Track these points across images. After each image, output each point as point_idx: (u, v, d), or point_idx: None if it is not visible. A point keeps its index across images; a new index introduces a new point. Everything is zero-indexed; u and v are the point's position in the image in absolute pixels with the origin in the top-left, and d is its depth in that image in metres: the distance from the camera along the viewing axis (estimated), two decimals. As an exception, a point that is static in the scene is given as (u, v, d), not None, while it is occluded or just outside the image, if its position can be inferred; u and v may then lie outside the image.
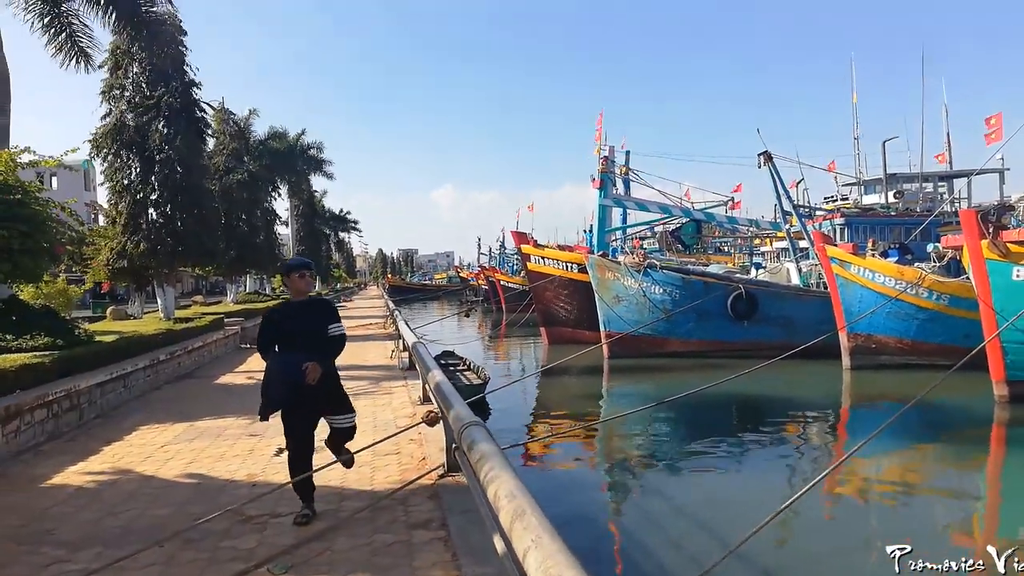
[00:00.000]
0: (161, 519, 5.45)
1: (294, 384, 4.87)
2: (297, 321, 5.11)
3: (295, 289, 5.29)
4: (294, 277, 5.24)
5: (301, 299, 5.31)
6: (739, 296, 23.21)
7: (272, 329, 5.21)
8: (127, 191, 18.54)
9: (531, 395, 18.67)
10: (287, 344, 5.10)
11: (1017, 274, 14.76)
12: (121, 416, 10.24)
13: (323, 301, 5.68)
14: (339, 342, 5.23)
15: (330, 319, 5.21)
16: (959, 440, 13.62)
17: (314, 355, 4.97)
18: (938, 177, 33.35)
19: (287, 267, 5.40)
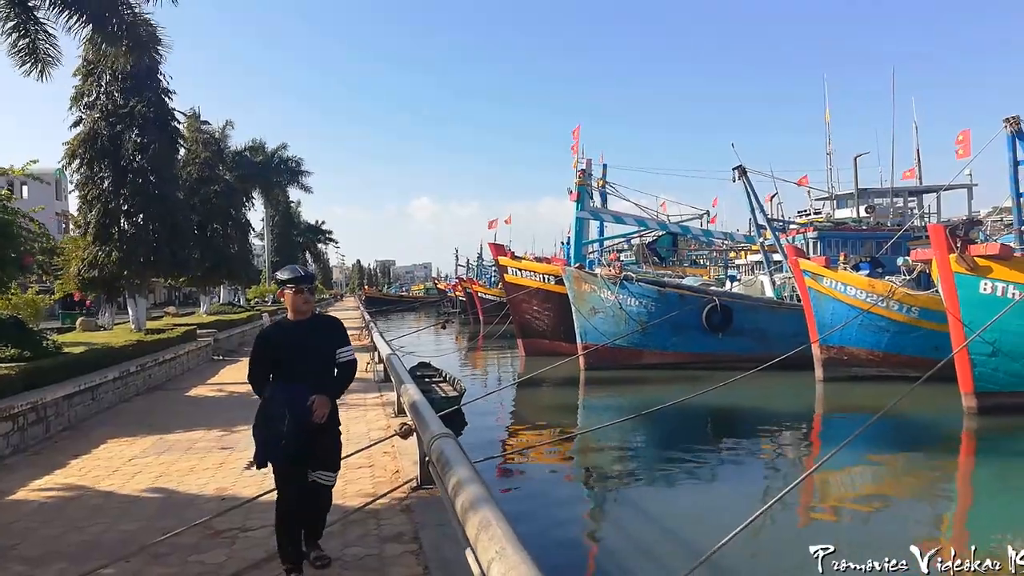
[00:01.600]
0: (128, 534, 5.35)
1: (299, 422, 3.97)
2: (299, 344, 4.18)
3: (291, 306, 4.31)
4: (287, 293, 4.28)
5: (302, 318, 4.33)
6: (714, 308, 23.40)
7: (267, 354, 4.26)
8: (99, 201, 18.29)
9: (508, 407, 18.64)
10: (285, 373, 4.17)
11: (984, 287, 15.04)
12: (89, 429, 10.05)
13: (329, 319, 4.57)
14: (350, 370, 4.38)
15: (339, 341, 4.33)
16: (929, 451, 13.81)
17: (320, 386, 4.13)
18: (908, 192, 33.97)
19: (278, 281, 4.45)
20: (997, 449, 13.83)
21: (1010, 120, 18.48)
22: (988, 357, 15.25)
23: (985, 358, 15.26)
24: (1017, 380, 15.11)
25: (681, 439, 14.37)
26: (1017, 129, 18.40)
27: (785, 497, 8.21)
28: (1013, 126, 18.43)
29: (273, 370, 4.24)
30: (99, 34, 12.16)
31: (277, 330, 4.46)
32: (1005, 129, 18.60)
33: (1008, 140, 18.63)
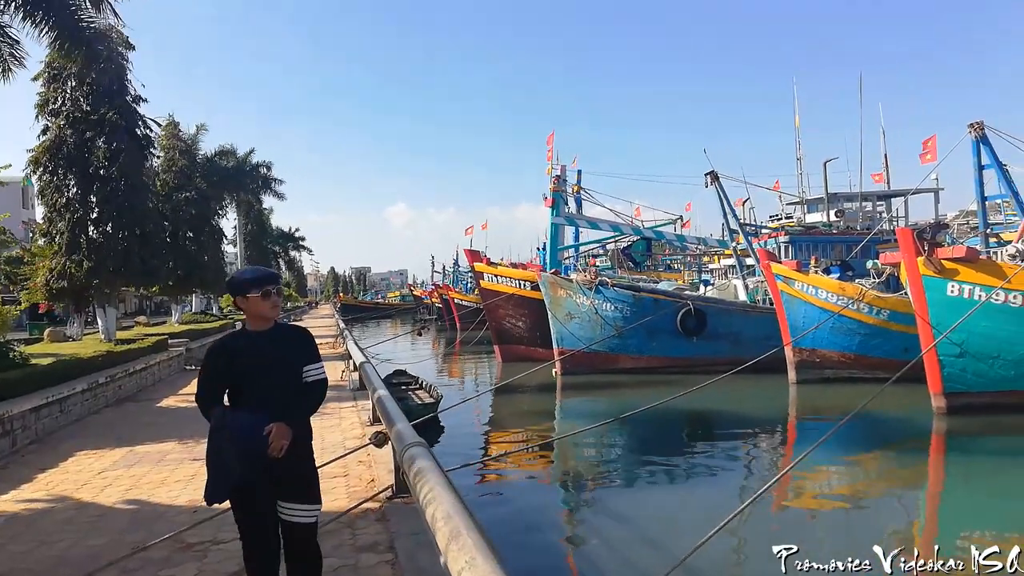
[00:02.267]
0: (97, 548, 5.26)
1: (254, 457, 3.29)
2: (258, 360, 3.46)
3: (254, 314, 3.56)
4: (252, 298, 3.51)
5: (264, 328, 3.57)
6: (688, 312, 23.58)
7: (219, 371, 3.52)
8: (67, 209, 17.99)
9: (485, 413, 18.61)
10: (242, 394, 3.49)
11: (951, 289, 15.31)
12: (57, 442, 9.88)
13: (296, 330, 3.76)
14: (319, 391, 3.62)
15: (307, 356, 3.58)
16: (899, 451, 14.03)
17: (282, 411, 3.39)
18: (876, 196, 34.51)
19: (238, 283, 3.58)
20: (965, 449, 14.07)
21: (974, 125, 18.89)
22: (956, 358, 15.52)
23: (953, 359, 15.53)
24: (984, 380, 15.40)
25: (657, 443, 14.45)
26: (981, 134, 18.81)
27: (760, 498, 8.30)
28: (977, 131, 18.84)
29: (228, 390, 3.53)
30: (62, 40, 11.98)
31: (235, 342, 3.62)
32: (970, 134, 19.00)
33: (973, 145, 19.03)
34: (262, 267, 3.89)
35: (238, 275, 3.68)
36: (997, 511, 10.30)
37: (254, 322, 3.59)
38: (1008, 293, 14.92)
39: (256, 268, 3.75)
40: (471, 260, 31.69)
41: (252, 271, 3.64)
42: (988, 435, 14.45)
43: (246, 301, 3.53)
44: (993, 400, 15.17)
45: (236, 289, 3.59)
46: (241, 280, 3.58)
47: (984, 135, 18.79)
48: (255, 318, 3.58)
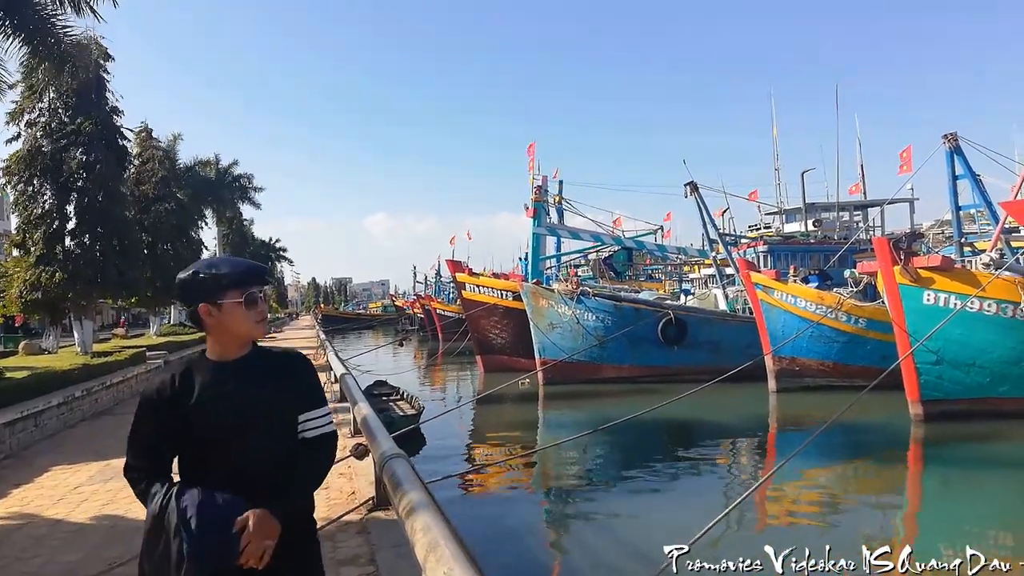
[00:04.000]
0: (72, 564, 5.19)
1: (216, 563, 2.07)
2: (228, 408, 2.20)
3: (229, 333, 2.26)
4: (228, 307, 2.22)
5: (237, 355, 2.28)
6: (669, 322, 23.70)
7: (163, 428, 2.22)
8: (41, 220, 17.78)
9: (467, 424, 18.56)
10: (204, 463, 2.21)
11: (927, 298, 15.53)
12: (32, 457, 9.73)
13: (287, 358, 2.41)
14: (325, 454, 2.36)
15: (305, 398, 2.34)
16: (877, 458, 14.17)
17: (267, 491, 2.16)
18: (853, 206, 34.95)
19: (205, 283, 2.24)
20: (942, 455, 14.24)
21: (948, 136, 19.23)
22: (932, 365, 15.73)
23: (930, 366, 15.73)
24: (960, 387, 15.61)
25: (639, 452, 14.48)
26: (955, 145, 19.15)
27: (741, 506, 8.35)
28: (951, 142, 19.18)
29: (179, 458, 2.25)
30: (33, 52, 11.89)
31: (188, 380, 2.22)
32: (944, 145, 19.34)
33: (947, 155, 19.37)
34: (242, 259, 2.40)
35: (203, 269, 2.24)
36: (971, 515, 10.43)
37: (224, 345, 2.25)
38: (983, 301, 15.16)
39: (234, 259, 2.35)
40: (453, 270, 31.67)
41: (229, 262, 2.29)
42: (964, 441, 14.64)
43: (216, 312, 2.20)
44: (969, 407, 15.38)
45: (201, 292, 2.21)
46: (211, 278, 2.20)
47: (958, 146, 19.14)
48: (228, 339, 2.25)
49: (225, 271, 2.23)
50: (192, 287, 2.24)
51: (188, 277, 2.24)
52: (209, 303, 2.21)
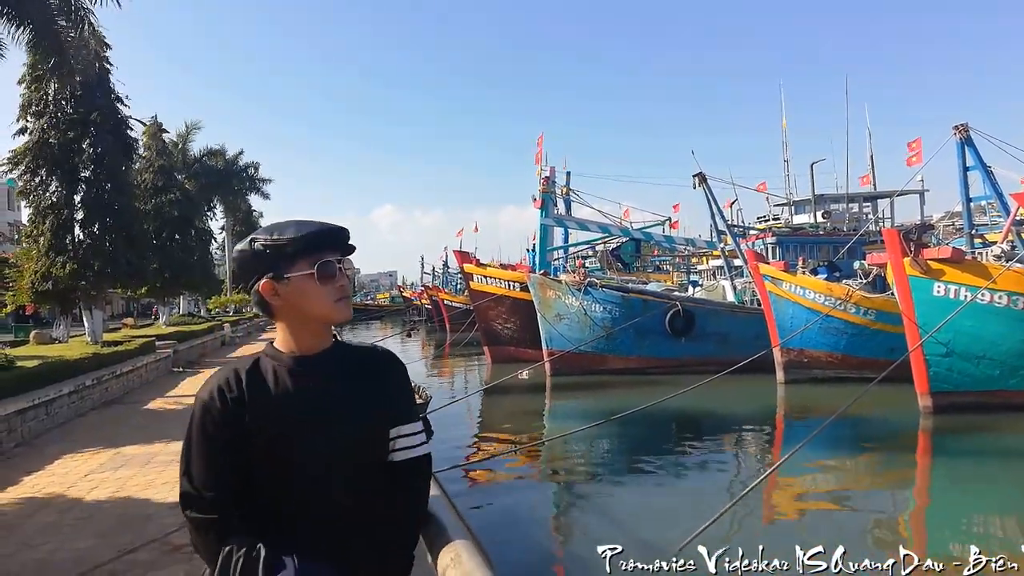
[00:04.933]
0: (82, 551, 5.22)
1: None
2: (313, 414, 1.70)
3: (306, 316, 1.75)
4: (297, 280, 1.70)
5: (316, 349, 1.77)
6: (676, 313, 23.64)
7: (228, 445, 1.67)
8: (50, 211, 17.88)
9: (475, 414, 18.60)
10: (282, 494, 1.69)
11: (938, 290, 15.43)
12: (43, 445, 9.80)
13: (375, 355, 1.90)
14: (420, 483, 1.87)
15: (397, 406, 1.85)
16: (886, 450, 14.11)
17: (362, 545, 1.72)
18: (863, 198, 34.75)
19: (268, 250, 1.71)
20: (951, 447, 14.18)
21: (959, 127, 19.06)
22: (942, 357, 15.64)
23: (939, 358, 15.65)
24: (970, 380, 15.53)
25: (646, 443, 14.48)
26: (966, 136, 18.98)
27: (748, 497, 8.34)
28: (962, 133, 19.01)
29: (245, 492, 1.70)
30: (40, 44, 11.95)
31: (258, 381, 1.73)
32: (955, 136, 19.17)
33: (958, 146, 19.21)
34: (314, 220, 1.79)
35: (262, 235, 1.74)
36: (979, 508, 10.40)
37: (298, 335, 1.75)
38: (993, 293, 15.05)
39: (303, 221, 1.76)
40: (460, 261, 31.67)
41: (296, 225, 1.74)
42: (974, 434, 14.57)
43: (283, 289, 1.70)
44: (979, 399, 15.29)
45: (261, 264, 1.72)
46: (272, 245, 1.71)
47: (969, 137, 18.97)
48: (302, 325, 1.75)
49: (290, 235, 1.69)
50: (250, 259, 1.73)
51: (244, 247, 1.74)
52: (273, 278, 1.70)
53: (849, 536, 8.45)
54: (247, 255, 1.73)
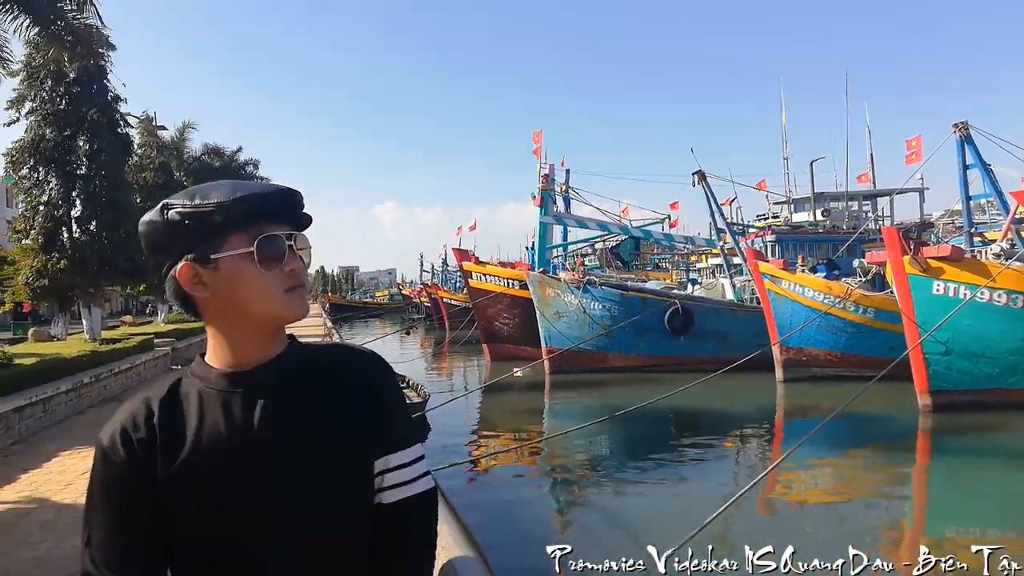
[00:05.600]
0: (79, 550, 5.20)
1: None
2: (251, 466, 1.15)
3: (244, 312, 1.20)
4: (227, 262, 1.17)
5: (263, 357, 1.23)
6: (676, 311, 23.63)
7: (133, 510, 1.16)
8: (47, 207, 17.86)
9: (473, 412, 18.58)
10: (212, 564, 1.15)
11: (937, 288, 15.43)
12: (41, 442, 9.78)
13: (357, 358, 1.32)
14: (421, 531, 1.29)
15: (387, 430, 1.27)
16: (885, 448, 14.11)
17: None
18: (862, 196, 34.74)
19: (191, 228, 1.17)
20: (950, 446, 14.18)
21: (959, 125, 19.05)
22: (941, 356, 15.64)
23: (939, 357, 15.65)
24: (970, 378, 15.52)
25: (645, 441, 14.47)
26: (966, 134, 18.97)
27: (747, 495, 8.32)
28: (962, 131, 19.00)
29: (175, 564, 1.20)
30: (42, 33, 11.94)
31: (174, 419, 1.21)
32: (954, 134, 19.16)
33: (957, 144, 19.20)
34: (253, 182, 1.48)
35: (180, 201, 1.21)
36: (978, 506, 10.39)
37: (236, 342, 1.24)
38: (993, 292, 15.05)
39: (238, 182, 1.26)
40: (459, 259, 31.65)
41: (226, 187, 1.21)
42: (973, 432, 14.57)
43: (209, 275, 1.20)
44: (978, 398, 15.29)
45: (176, 241, 1.21)
46: (193, 214, 1.19)
47: (968, 135, 18.96)
48: (238, 328, 1.24)
49: (217, 198, 1.17)
50: (162, 234, 1.20)
51: (155, 217, 1.21)
52: (194, 260, 1.18)
53: (839, 535, 8.44)
54: (158, 228, 1.20)
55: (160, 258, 1.24)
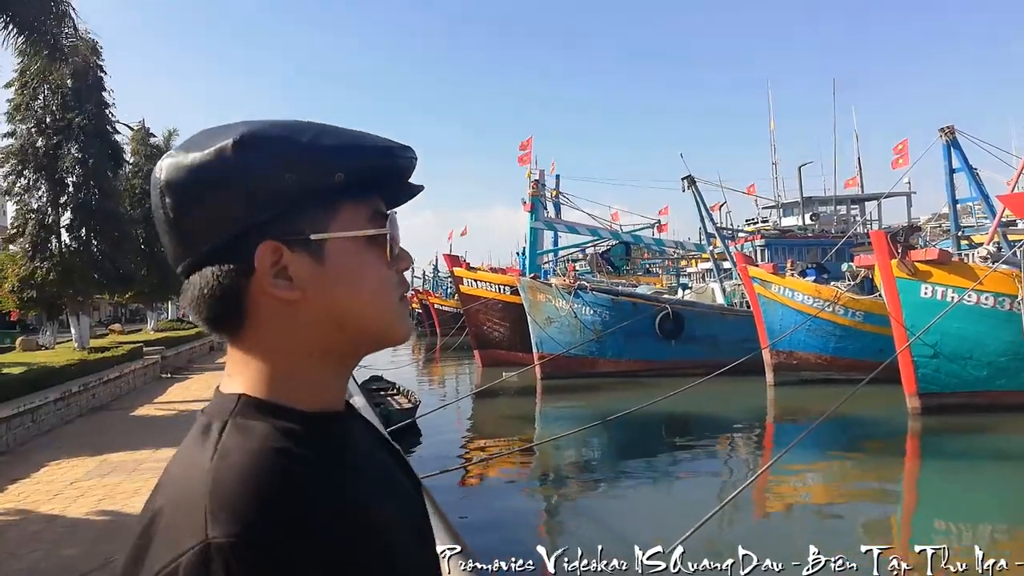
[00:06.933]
0: (69, 560, 5.18)
1: None
2: (414, 542, 0.81)
3: (360, 323, 0.78)
4: (339, 247, 0.76)
5: (339, 406, 0.81)
6: (666, 316, 23.71)
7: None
8: (34, 215, 17.76)
9: (464, 418, 18.56)
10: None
11: (925, 291, 15.54)
12: (29, 452, 9.70)
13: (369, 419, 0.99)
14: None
15: None
16: (874, 450, 14.20)
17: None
18: (850, 200, 34.96)
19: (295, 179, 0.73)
20: (939, 448, 14.27)
21: (945, 130, 19.22)
22: (930, 359, 15.74)
23: (927, 360, 15.75)
24: (958, 381, 15.63)
25: (637, 446, 14.49)
26: (952, 138, 19.14)
27: (737, 499, 8.35)
28: (948, 135, 19.17)
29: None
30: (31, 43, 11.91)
31: (341, 488, 0.71)
32: (941, 138, 19.33)
33: (944, 149, 19.37)
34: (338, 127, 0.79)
35: (267, 135, 0.74)
36: (968, 507, 10.46)
37: (315, 375, 0.78)
38: (980, 295, 15.17)
39: (324, 126, 0.78)
40: (450, 265, 31.64)
41: (320, 131, 0.77)
42: (962, 434, 14.66)
43: (309, 264, 0.75)
44: (967, 400, 15.40)
45: (277, 195, 0.73)
46: (296, 158, 0.74)
47: (955, 139, 19.13)
48: (331, 350, 0.79)
49: (330, 142, 0.77)
50: (232, 189, 0.74)
51: (212, 160, 0.73)
52: (285, 238, 0.75)
53: (830, 536, 8.48)
54: (225, 178, 0.73)
55: (198, 232, 0.74)
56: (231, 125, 0.77)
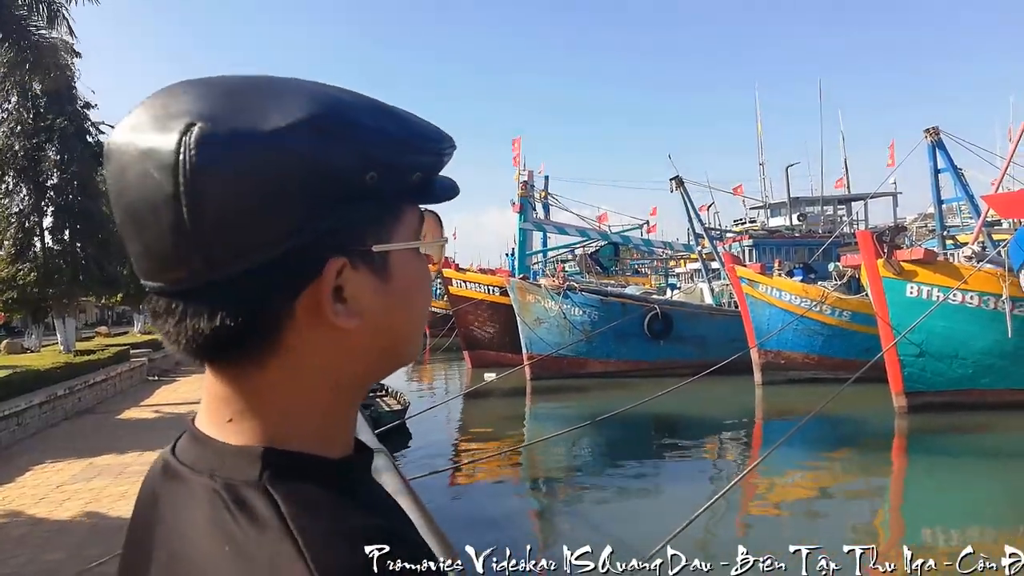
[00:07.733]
0: (54, 564, 5.13)
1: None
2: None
3: (394, 346, 0.62)
4: (402, 262, 0.60)
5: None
6: (655, 316, 23.77)
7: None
8: (16, 218, 17.62)
9: (454, 419, 18.53)
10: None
11: (911, 291, 15.65)
12: (14, 456, 9.62)
13: None
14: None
15: None
16: (862, 448, 14.28)
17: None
18: (837, 200, 35.16)
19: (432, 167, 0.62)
20: (925, 447, 14.38)
21: (930, 131, 19.38)
22: (916, 357, 15.85)
23: (913, 358, 15.86)
24: (943, 379, 15.75)
25: (626, 446, 14.51)
26: (937, 139, 19.30)
27: (724, 497, 8.39)
28: (933, 136, 19.33)
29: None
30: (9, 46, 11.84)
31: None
32: (926, 139, 19.49)
33: (929, 149, 19.53)
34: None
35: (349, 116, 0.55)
36: (954, 505, 10.54)
37: (337, 414, 0.61)
38: (965, 294, 15.30)
39: (377, 103, 0.60)
40: (439, 266, 31.57)
41: (382, 110, 0.59)
42: (948, 433, 14.78)
43: (374, 283, 0.58)
44: (952, 398, 15.52)
45: (350, 202, 0.55)
46: (437, 150, 0.63)
47: (940, 140, 19.29)
48: (365, 382, 0.64)
49: (409, 133, 0.61)
50: (299, 189, 0.52)
51: (274, 153, 0.51)
52: (352, 252, 0.56)
53: (818, 535, 8.53)
54: (290, 176, 0.52)
55: (233, 245, 0.52)
56: (277, 85, 0.55)
